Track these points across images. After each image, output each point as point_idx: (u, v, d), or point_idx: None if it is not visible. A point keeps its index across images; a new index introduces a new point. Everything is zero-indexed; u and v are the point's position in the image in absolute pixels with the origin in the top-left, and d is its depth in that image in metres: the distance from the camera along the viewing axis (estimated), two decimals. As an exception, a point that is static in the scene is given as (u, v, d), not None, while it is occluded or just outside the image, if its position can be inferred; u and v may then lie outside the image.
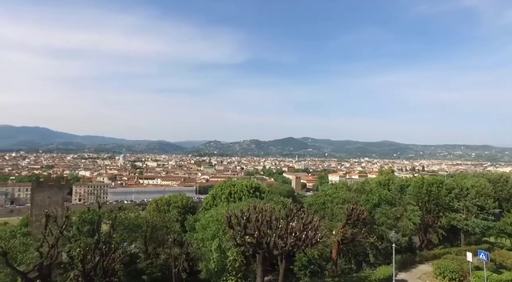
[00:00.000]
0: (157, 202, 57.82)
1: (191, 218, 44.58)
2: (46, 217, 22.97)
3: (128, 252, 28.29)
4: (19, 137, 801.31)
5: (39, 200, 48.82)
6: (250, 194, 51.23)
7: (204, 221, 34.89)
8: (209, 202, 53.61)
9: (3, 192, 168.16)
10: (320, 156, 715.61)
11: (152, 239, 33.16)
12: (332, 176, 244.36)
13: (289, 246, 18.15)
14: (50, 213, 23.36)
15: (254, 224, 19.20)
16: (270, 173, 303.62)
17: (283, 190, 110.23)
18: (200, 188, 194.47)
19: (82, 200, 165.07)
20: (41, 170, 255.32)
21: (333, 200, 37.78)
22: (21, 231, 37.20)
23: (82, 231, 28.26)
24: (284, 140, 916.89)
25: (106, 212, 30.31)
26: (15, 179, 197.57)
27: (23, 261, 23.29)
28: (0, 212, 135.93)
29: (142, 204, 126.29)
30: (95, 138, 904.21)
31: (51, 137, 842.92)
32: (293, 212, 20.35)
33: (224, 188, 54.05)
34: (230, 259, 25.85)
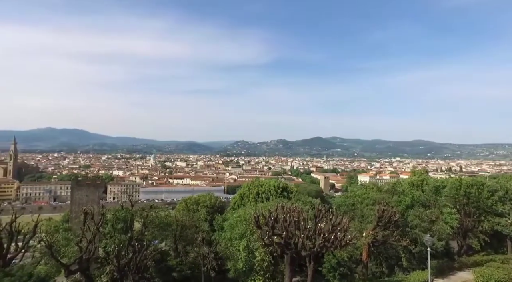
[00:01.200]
0: (186, 201, 59.02)
1: (220, 217, 45.15)
2: (84, 214, 24.25)
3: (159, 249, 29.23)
4: (60, 139, 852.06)
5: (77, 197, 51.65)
6: (278, 194, 51.02)
7: (232, 220, 35.18)
8: (237, 202, 53.99)
9: (47, 190, 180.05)
10: (349, 155, 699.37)
11: (181, 238, 33.96)
12: (361, 176, 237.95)
13: (317, 247, 17.85)
14: (88, 210, 24.62)
15: (282, 224, 19.07)
16: (298, 173, 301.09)
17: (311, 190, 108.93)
18: (228, 188, 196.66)
19: (116, 199, 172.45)
20: (79, 169, 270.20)
21: (363, 201, 36.75)
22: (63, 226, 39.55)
23: (116, 228, 29.47)
24: (312, 140, 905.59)
25: (138, 211, 31.45)
26: (57, 178, 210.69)
27: (65, 254, 24.75)
28: (44, 208, 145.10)
29: (172, 203, 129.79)
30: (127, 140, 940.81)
31: (88, 139, 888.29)
32: (322, 213, 20.00)
33: (252, 188, 54.20)
34: (258, 259, 25.90)
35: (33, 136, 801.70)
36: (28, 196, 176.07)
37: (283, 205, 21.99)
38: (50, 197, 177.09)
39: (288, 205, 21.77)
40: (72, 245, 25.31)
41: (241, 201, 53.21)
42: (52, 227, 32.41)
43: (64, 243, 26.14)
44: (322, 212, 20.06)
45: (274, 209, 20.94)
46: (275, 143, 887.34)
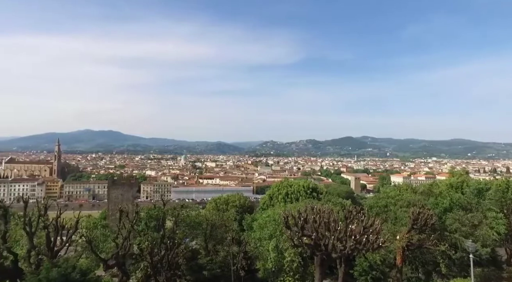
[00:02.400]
0: (216, 201, 59.90)
1: (249, 217, 45.38)
2: (120, 212, 25.37)
3: (190, 248, 29.90)
4: (97, 140, 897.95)
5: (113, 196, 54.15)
6: (307, 194, 50.46)
7: (262, 220, 35.22)
8: (266, 202, 54.04)
9: (86, 188, 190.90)
10: (381, 155, 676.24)
11: (211, 237, 34.49)
12: (394, 176, 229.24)
13: (348, 250, 17.40)
14: (123, 209, 25.73)
15: (312, 225, 18.81)
16: (328, 174, 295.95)
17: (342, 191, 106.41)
18: (257, 188, 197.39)
19: (149, 198, 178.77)
20: (115, 169, 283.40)
21: (396, 202, 35.32)
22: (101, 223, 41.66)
23: (149, 226, 30.54)
24: (342, 139, 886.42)
25: (170, 210, 32.37)
26: (95, 177, 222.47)
27: (104, 250, 26.06)
28: (84, 206, 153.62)
29: (202, 203, 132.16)
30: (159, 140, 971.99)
31: (122, 140, 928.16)
32: (353, 214, 19.49)
33: (281, 188, 54.03)
34: (287, 260, 25.73)
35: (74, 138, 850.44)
36: (70, 194, 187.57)
37: (313, 205, 21.69)
38: (89, 195, 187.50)
39: (317, 206, 21.44)
40: (109, 241, 26.60)
41: (270, 201, 53.21)
42: (91, 223, 34.22)
43: (102, 239, 27.57)
44: (353, 214, 19.55)
45: (303, 210, 20.71)
46: (304, 142, 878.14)
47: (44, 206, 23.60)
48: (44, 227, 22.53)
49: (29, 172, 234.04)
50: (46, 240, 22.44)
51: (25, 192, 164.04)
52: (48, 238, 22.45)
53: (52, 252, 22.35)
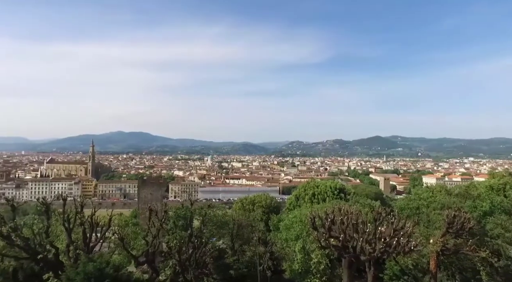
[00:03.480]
0: (242, 201, 60.30)
1: (275, 218, 45.30)
2: (149, 210, 26.18)
3: (217, 247, 30.29)
4: (128, 141, 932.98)
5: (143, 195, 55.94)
6: (335, 195, 49.62)
7: (288, 221, 35.05)
8: (292, 203, 53.73)
9: (118, 188, 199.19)
10: (412, 155, 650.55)
11: (238, 236, 34.76)
12: (427, 177, 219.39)
13: (377, 252, 16.86)
14: (152, 208, 26.53)
15: (339, 226, 18.42)
16: (356, 174, 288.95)
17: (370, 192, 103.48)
18: (283, 188, 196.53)
19: (177, 197, 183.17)
20: (144, 169, 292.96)
21: (429, 204, 33.78)
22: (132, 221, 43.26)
23: (177, 225, 31.28)
24: (370, 139, 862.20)
25: (197, 209, 33.00)
26: (126, 177, 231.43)
27: (135, 247, 27.01)
28: (116, 204, 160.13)
29: (229, 203, 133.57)
30: (186, 141, 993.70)
31: (151, 141, 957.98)
32: (382, 216, 18.85)
33: (308, 188, 53.50)
34: (314, 261, 25.40)
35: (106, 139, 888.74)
36: (103, 193, 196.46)
37: (340, 206, 21.25)
38: (121, 194, 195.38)
39: (345, 207, 20.97)
40: (139, 238, 27.54)
41: (296, 202, 52.84)
42: (123, 221, 35.65)
43: (133, 236, 28.61)
44: (382, 215, 18.92)
45: (330, 211, 20.35)
46: (331, 142, 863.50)
47: (81, 204, 24.84)
48: (80, 224, 23.73)
49: (67, 171, 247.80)
50: (83, 236, 23.65)
51: (64, 190, 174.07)
52: (84, 234, 23.64)
53: (88, 247, 23.52)
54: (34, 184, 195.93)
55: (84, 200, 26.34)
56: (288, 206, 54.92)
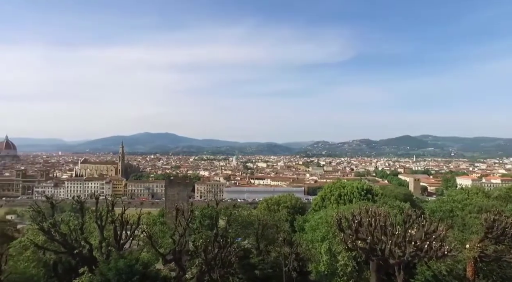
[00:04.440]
0: (267, 201, 60.26)
1: (300, 218, 44.90)
2: (176, 210, 26.76)
3: (242, 247, 30.43)
4: (155, 142, 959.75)
5: (170, 195, 57.21)
6: (361, 196, 48.43)
7: (314, 222, 34.61)
8: (318, 203, 53.05)
9: (146, 187, 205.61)
10: (444, 155, 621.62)
11: (263, 237, 34.75)
12: (461, 179, 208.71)
13: (408, 256, 16.21)
14: (179, 207, 27.10)
15: (367, 228, 17.93)
16: (384, 174, 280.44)
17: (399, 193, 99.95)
18: (309, 189, 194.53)
19: (202, 197, 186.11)
20: (171, 169, 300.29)
21: (464, 207, 32.16)
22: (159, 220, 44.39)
23: (203, 224, 31.77)
24: (399, 139, 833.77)
25: (222, 209, 33.33)
26: (154, 177, 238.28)
27: (162, 245, 27.72)
28: (145, 203, 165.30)
29: (254, 203, 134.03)
30: (212, 142, 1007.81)
31: (177, 142, 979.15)
32: (412, 218, 18.12)
33: (334, 189, 52.60)
34: (341, 263, 24.89)
35: (135, 140, 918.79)
36: (132, 192, 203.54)
37: (368, 208, 20.68)
38: (149, 194, 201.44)
39: (373, 208, 20.39)
40: (167, 237, 28.22)
41: (322, 203, 52.11)
42: (151, 220, 36.64)
43: (160, 235, 29.37)
44: (412, 218, 18.18)
45: (357, 212, 19.87)
46: (357, 142, 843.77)
47: (111, 202, 25.88)
48: (111, 222, 24.71)
49: (98, 171, 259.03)
50: (114, 233, 24.61)
51: (96, 189, 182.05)
52: (115, 231, 24.58)
53: (119, 244, 24.44)
54: (70, 183, 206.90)
55: (114, 199, 27.43)
56: (313, 207, 54.29)
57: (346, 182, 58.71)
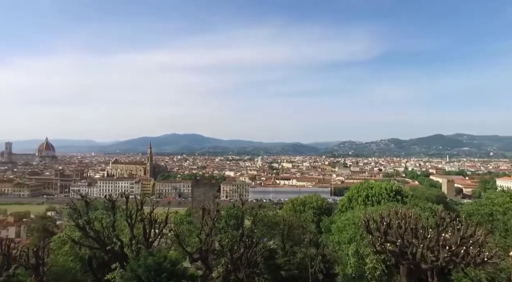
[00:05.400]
0: (293, 201, 59.85)
1: (327, 219, 44.20)
2: (202, 209, 27.19)
3: (267, 247, 30.36)
4: (181, 143, 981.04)
5: (197, 195, 58.33)
6: (390, 197, 46.93)
7: (340, 223, 33.97)
8: (344, 204, 52.07)
9: (173, 187, 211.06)
10: (482, 155, 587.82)
11: (289, 237, 34.51)
12: (502, 180, 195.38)
13: (442, 261, 15.41)
14: (205, 207, 27.50)
15: (396, 231, 17.28)
16: (414, 175, 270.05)
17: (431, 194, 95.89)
18: (335, 189, 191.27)
19: (228, 197, 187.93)
20: (197, 170, 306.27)
21: (506, 211, 30.16)
22: (186, 219, 45.34)
23: (229, 224, 32.01)
24: (430, 138, 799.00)
25: (248, 209, 33.41)
26: (181, 177, 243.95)
27: (189, 244, 28.30)
28: (172, 203, 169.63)
29: (279, 203, 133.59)
30: (237, 142, 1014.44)
31: (203, 142, 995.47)
32: (446, 222, 17.23)
33: (361, 190, 51.39)
34: (369, 266, 24.22)
35: (162, 141, 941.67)
36: (160, 192, 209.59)
37: (397, 209, 19.95)
38: (176, 193, 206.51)
39: (402, 210, 19.64)
40: (193, 236, 28.77)
41: (349, 204, 51.08)
42: (178, 219, 37.51)
43: (187, 234, 29.99)
44: (446, 221, 17.29)
45: (386, 214, 19.20)
46: (385, 142, 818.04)
47: (141, 201, 26.68)
48: (141, 220, 25.50)
49: (128, 171, 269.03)
50: (143, 231, 25.39)
51: (126, 188, 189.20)
52: (144, 229, 25.35)
53: (147, 242, 25.18)
54: (102, 183, 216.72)
55: (143, 198, 28.29)
56: (340, 208, 53.32)
57: (374, 182, 57.14)
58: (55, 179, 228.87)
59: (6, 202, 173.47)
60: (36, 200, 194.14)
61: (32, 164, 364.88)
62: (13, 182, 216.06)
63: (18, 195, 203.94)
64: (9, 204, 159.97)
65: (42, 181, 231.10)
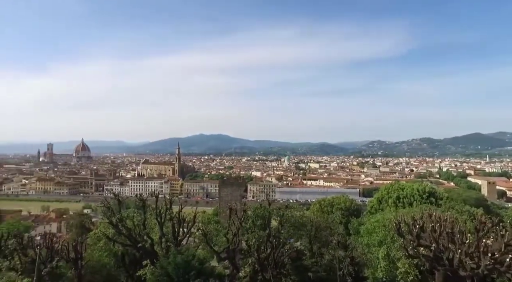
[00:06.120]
0: (320, 202, 59.00)
1: (355, 221, 43.12)
2: (229, 209, 27.43)
3: (294, 248, 30.08)
4: (208, 143, 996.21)
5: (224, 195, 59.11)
6: (423, 199, 44.98)
7: (370, 225, 33.01)
8: (374, 206, 50.63)
9: (201, 187, 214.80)
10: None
11: (316, 239, 33.97)
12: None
13: (483, 269, 14.42)
14: (232, 206, 27.74)
15: (430, 234, 16.44)
16: (449, 176, 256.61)
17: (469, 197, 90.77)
18: (364, 190, 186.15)
19: (255, 197, 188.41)
20: (224, 170, 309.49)
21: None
22: (213, 219, 46.00)
23: (256, 224, 32.00)
24: (467, 137, 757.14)
25: (275, 209, 33.28)
26: (208, 177, 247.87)
27: (216, 243, 28.63)
28: (200, 202, 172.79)
29: (306, 204, 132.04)
30: (263, 143, 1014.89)
31: (230, 143, 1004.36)
32: (487, 226, 16.12)
33: (391, 191, 49.69)
34: (401, 271, 23.27)
35: (189, 142, 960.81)
36: (188, 191, 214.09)
37: (431, 212, 19.01)
38: (204, 193, 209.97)
39: (437, 213, 18.69)
40: (221, 236, 29.07)
41: (379, 205, 49.59)
42: (206, 218, 38.09)
43: (215, 233, 30.34)
44: (487, 225, 16.18)
45: (419, 216, 18.36)
46: (417, 141, 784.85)
47: (169, 201, 27.40)
48: (170, 219, 26.18)
49: (157, 171, 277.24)
50: (172, 230, 26.06)
51: (155, 188, 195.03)
52: (173, 228, 26.00)
53: (176, 241, 25.81)
54: (133, 182, 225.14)
55: (172, 198, 29.03)
56: (369, 209, 51.90)
57: (405, 183, 55.05)
58: (90, 178, 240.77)
59: (48, 199, 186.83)
60: (73, 197, 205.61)
61: (70, 163, 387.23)
62: (54, 181, 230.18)
63: (58, 193, 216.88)
64: (51, 201, 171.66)
65: (79, 180, 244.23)
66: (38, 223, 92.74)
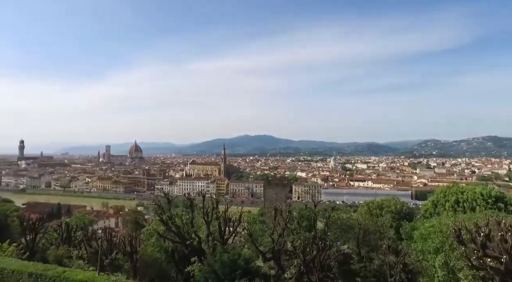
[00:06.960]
0: (369, 205, 56.57)
1: (408, 225, 40.49)
2: (275, 210, 27.38)
3: (341, 251, 29.12)
4: (253, 144, 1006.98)
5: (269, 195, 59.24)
6: (488, 204, 40.82)
7: (424, 230, 30.69)
8: (429, 209, 47.16)
9: (246, 187, 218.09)
10: None
11: (364, 242, 32.59)
12: None
13: None
14: (277, 207, 27.65)
15: (499, 244, 14.77)
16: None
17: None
18: (417, 193, 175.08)
19: (300, 198, 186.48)
20: (269, 170, 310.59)
21: None
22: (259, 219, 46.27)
23: (301, 225, 31.53)
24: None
25: (320, 211, 32.56)
26: (253, 177, 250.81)
27: (262, 243, 28.75)
28: (245, 202, 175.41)
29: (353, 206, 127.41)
30: (308, 143, 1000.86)
31: (275, 143, 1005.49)
32: None
33: (449, 194, 45.87)
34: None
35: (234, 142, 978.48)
36: (234, 191, 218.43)
37: (499, 219, 17.10)
38: (249, 193, 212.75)
39: (507, 221, 16.76)
40: (266, 236, 29.10)
41: (434, 209, 46.08)
42: (251, 218, 38.36)
43: (260, 233, 30.47)
44: None
45: (484, 223, 16.61)
46: (480, 140, 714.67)
47: (216, 200, 28.10)
48: (216, 218, 26.81)
49: (204, 171, 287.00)
50: (218, 229, 26.67)
51: (202, 187, 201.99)
52: (220, 227, 26.59)
53: (223, 239, 26.35)
54: (181, 182, 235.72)
55: (218, 197, 29.73)
56: (423, 213, 48.41)
57: (465, 186, 50.39)
58: (143, 178, 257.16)
59: (106, 196, 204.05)
60: (128, 195, 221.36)
61: (125, 164, 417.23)
62: (112, 180, 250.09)
63: (115, 191, 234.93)
64: (109, 199, 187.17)
65: (132, 179, 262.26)
66: (99, 218, 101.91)
